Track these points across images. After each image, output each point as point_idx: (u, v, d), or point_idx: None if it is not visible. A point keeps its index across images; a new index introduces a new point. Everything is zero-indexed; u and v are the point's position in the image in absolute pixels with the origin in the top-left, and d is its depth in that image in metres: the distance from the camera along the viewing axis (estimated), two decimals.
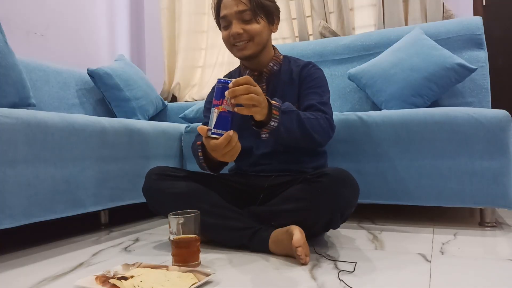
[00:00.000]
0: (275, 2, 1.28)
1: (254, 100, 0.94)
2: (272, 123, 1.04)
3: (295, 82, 1.29)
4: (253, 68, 1.32)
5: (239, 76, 1.36)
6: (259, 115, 1.00)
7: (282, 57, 1.35)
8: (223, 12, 1.22)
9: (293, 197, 1.11)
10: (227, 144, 0.96)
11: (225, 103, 0.95)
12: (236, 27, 1.20)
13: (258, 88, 0.97)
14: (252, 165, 1.32)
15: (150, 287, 0.82)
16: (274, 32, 1.30)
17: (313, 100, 1.23)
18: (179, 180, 1.23)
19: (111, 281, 0.86)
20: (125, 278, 0.86)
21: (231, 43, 1.24)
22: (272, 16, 1.26)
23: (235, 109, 0.95)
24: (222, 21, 1.24)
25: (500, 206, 1.38)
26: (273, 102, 1.05)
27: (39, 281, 0.95)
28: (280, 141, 1.20)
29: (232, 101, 0.94)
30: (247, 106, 0.95)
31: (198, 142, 1.19)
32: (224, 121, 0.95)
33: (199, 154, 1.19)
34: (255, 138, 1.30)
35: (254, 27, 1.21)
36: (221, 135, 0.95)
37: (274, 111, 1.03)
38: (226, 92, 0.94)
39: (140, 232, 1.50)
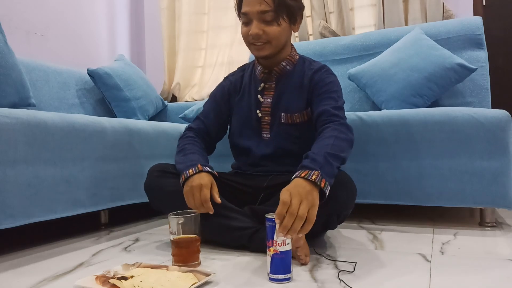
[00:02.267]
0: (300, 1, 1.23)
1: (304, 215, 0.87)
2: (327, 191, 0.94)
3: (305, 87, 1.26)
4: (266, 65, 1.29)
5: (252, 72, 1.35)
6: (317, 206, 0.91)
7: (297, 57, 1.32)
8: (244, 8, 1.19)
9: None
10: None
11: (275, 244, 0.87)
12: (256, 28, 1.17)
13: (296, 199, 0.87)
14: (252, 165, 1.32)
15: (150, 287, 0.82)
16: (295, 32, 1.26)
17: (327, 105, 1.18)
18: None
19: (111, 281, 0.86)
20: (125, 278, 0.86)
21: (249, 42, 1.21)
22: (294, 16, 1.22)
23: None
24: (242, 16, 1.20)
25: (500, 206, 1.38)
26: (313, 176, 0.92)
27: (39, 281, 0.95)
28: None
29: (289, 237, 0.87)
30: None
31: (200, 166, 1.14)
32: (281, 265, 0.87)
33: (190, 172, 1.12)
34: (256, 138, 1.30)
35: (274, 29, 1.17)
36: (281, 280, 0.87)
37: (321, 184, 0.92)
38: (278, 231, 0.87)
39: (140, 232, 1.50)
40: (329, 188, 0.95)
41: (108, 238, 1.42)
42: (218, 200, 1.11)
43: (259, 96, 1.30)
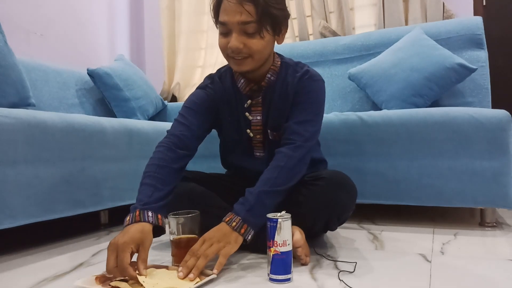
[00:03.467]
0: (285, 9, 1.09)
1: (210, 255, 0.91)
2: (249, 237, 0.97)
3: (289, 97, 1.15)
4: (251, 79, 1.16)
5: (232, 83, 1.20)
6: (235, 245, 0.95)
7: (279, 63, 1.18)
8: (223, 17, 1.04)
9: (291, 200, 1.10)
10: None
11: (276, 245, 0.87)
12: (236, 41, 1.03)
13: (206, 244, 0.93)
14: (247, 181, 1.21)
15: (155, 283, 0.83)
16: (279, 43, 1.13)
17: (293, 119, 1.11)
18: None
19: (112, 283, 0.85)
20: (126, 280, 0.86)
21: (228, 55, 1.08)
22: (279, 26, 1.08)
23: (214, 271, 0.91)
24: (221, 26, 1.06)
25: (500, 206, 1.38)
26: (233, 223, 0.96)
27: (39, 281, 0.95)
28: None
29: (192, 276, 0.87)
30: (220, 258, 0.92)
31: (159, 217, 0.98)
32: (281, 265, 0.88)
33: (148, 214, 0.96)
34: (248, 157, 1.24)
35: (256, 43, 1.04)
36: (281, 281, 0.87)
37: (241, 230, 0.96)
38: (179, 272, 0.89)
39: None
40: (252, 233, 0.98)
41: (108, 238, 1.41)
42: (142, 273, 0.86)
43: (247, 114, 1.19)
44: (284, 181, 1.04)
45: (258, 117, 1.18)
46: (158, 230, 0.99)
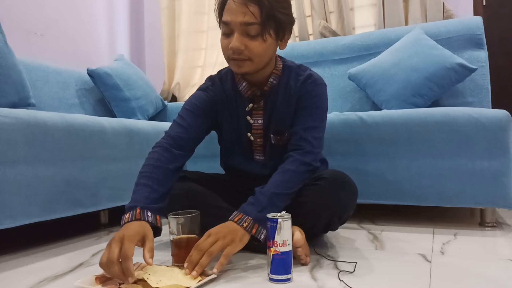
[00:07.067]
0: (290, 15, 1.07)
1: (214, 252, 0.90)
2: (262, 236, 0.96)
3: (292, 101, 1.14)
4: (253, 82, 1.15)
5: (233, 85, 1.19)
6: (240, 244, 0.94)
7: (281, 67, 1.17)
8: (226, 17, 1.02)
9: (291, 200, 1.10)
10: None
11: (276, 245, 0.87)
12: (237, 41, 1.01)
13: (212, 238, 0.92)
14: (246, 181, 1.26)
15: (158, 280, 0.83)
16: (282, 49, 1.12)
17: (301, 125, 1.11)
18: (179, 181, 1.22)
19: (122, 287, 0.84)
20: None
21: (229, 56, 1.05)
22: (283, 31, 1.06)
23: (214, 271, 0.90)
24: (223, 26, 1.04)
25: (500, 206, 1.38)
26: (244, 224, 0.95)
27: (39, 281, 0.95)
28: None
29: (195, 273, 0.88)
30: (225, 256, 0.91)
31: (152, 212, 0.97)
32: (281, 265, 0.87)
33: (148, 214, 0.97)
34: (248, 160, 1.24)
35: (258, 46, 1.02)
36: (281, 281, 0.87)
37: (253, 230, 0.96)
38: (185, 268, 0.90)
39: None
40: (264, 232, 0.96)
41: (108, 238, 1.41)
42: (149, 261, 0.86)
43: (248, 117, 1.18)
44: (294, 184, 1.05)
45: (259, 121, 1.18)
46: (155, 231, 0.99)
